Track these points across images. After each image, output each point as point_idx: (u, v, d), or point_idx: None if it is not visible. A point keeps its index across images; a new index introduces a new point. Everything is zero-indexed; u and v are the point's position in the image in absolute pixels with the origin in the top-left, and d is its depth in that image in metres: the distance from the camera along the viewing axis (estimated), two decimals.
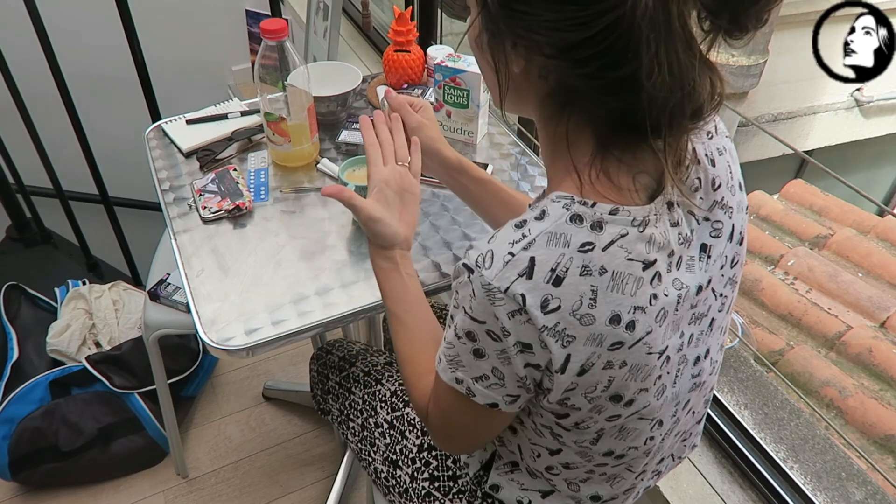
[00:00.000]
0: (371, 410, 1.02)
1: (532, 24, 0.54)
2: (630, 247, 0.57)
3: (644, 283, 0.57)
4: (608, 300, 0.56)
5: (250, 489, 1.64)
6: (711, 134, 0.67)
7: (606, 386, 0.60)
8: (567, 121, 0.60)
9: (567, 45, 0.53)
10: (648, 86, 0.52)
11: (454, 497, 0.90)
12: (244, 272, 1.03)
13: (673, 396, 0.67)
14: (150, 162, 1.26)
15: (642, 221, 0.58)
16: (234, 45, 2.60)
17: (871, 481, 1.12)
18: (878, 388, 1.52)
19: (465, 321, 0.60)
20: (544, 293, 0.55)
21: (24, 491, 1.62)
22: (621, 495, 0.79)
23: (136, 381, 1.62)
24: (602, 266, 0.56)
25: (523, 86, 0.62)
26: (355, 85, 1.32)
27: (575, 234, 0.56)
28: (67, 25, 1.94)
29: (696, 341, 0.66)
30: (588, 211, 0.57)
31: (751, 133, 2.50)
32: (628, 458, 0.71)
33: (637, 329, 0.58)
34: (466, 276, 0.59)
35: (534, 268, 0.55)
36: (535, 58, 0.58)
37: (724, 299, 0.69)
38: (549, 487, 0.78)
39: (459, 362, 0.63)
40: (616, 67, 0.52)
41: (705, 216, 0.64)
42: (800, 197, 2.32)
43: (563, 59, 0.55)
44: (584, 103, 0.59)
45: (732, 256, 0.68)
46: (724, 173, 0.66)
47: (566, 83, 0.59)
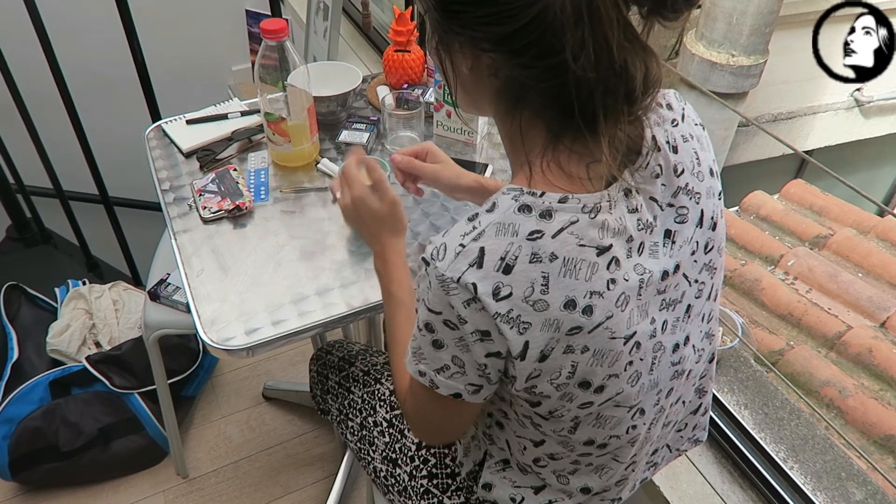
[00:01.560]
0: (370, 409, 1.02)
1: (467, 21, 0.58)
2: (581, 233, 0.58)
3: (600, 268, 0.59)
4: (561, 286, 0.57)
5: (250, 489, 1.64)
6: (677, 122, 0.68)
7: (571, 372, 0.61)
8: (520, 116, 0.62)
9: (500, 37, 0.56)
10: (576, 68, 0.54)
11: (452, 494, 0.91)
12: (244, 272, 1.03)
13: (651, 384, 0.68)
14: (150, 162, 1.26)
15: (593, 208, 0.59)
16: (234, 45, 2.60)
17: (871, 481, 1.12)
18: (879, 388, 1.52)
19: (424, 313, 0.62)
20: (495, 281, 0.57)
21: (24, 491, 1.62)
22: (613, 487, 0.79)
23: (136, 381, 1.62)
24: (552, 252, 0.57)
25: (476, 84, 0.64)
26: (355, 85, 1.32)
27: (523, 223, 0.58)
28: (67, 25, 1.94)
29: (671, 328, 0.67)
30: (536, 201, 0.59)
31: (751, 133, 2.50)
32: (611, 447, 0.72)
33: (595, 313, 0.59)
34: (424, 269, 0.61)
35: (483, 257, 0.57)
36: (480, 54, 0.60)
37: (700, 286, 0.69)
38: (540, 482, 0.78)
39: (421, 355, 0.66)
40: (547, 55, 0.55)
41: (669, 202, 0.65)
42: (800, 197, 2.32)
43: (501, 52, 0.58)
44: (532, 96, 0.61)
45: (705, 242, 0.68)
46: (688, 159, 0.67)
47: (513, 78, 0.61)
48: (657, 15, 0.56)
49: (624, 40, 0.54)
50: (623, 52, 0.55)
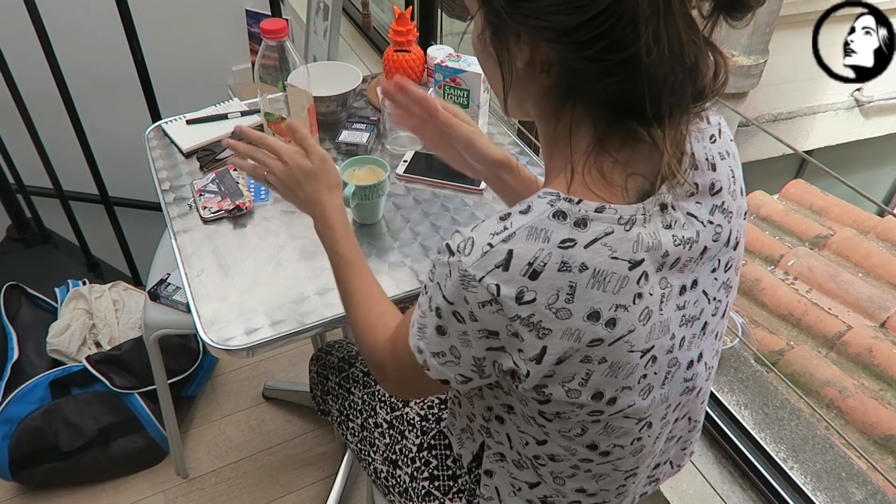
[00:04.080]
0: (370, 410, 1.02)
1: (533, 10, 0.56)
2: (615, 245, 0.57)
3: (630, 281, 0.57)
4: (587, 297, 0.56)
5: (250, 489, 1.64)
6: (714, 137, 0.67)
7: (584, 379, 0.61)
8: (570, 114, 0.61)
9: (569, 28, 0.54)
10: (648, 62, 0.52)
11: (454, 496, 0.90)
12: (244, 272, 1.03)
13: (662, 398, 0.67)
14: (150, 162, 1.26)
15: (629, 220, 0.58)
16: (234, 45, 2.60)
17: (871, 481, 1.12)
18: (879, 388, 1.52)
19: (438, 298, 0.61)
20: (520, 285, 0.56)
21: (24, 491, 1.62)
22: (613, 499, 0.79)
23: (136, 381, 1.62)
24: (583, 263, 0.56)
25: (526, 81, 0.63)
26: (355, 85, 1.32)
27: (556, 230, 0.57)
28: (67, 25, 1.94)
29: (688, 344, 0.66)
30: (573, 208, 0.57)
31: (751, 133, 2.50)
32: (614, 456, 0.71)
33: (618, 327, 0.58)
34: (447, 256, 0.60)
35: (511, 260, 0.56)
36: (539, 47, 0.59)
37: (717, 303, 0.69)
38: (536, 479, 0.78)
39: (424, 333, 0.65)
40: (618, 48, 0.53)
41: (709, 219, 0.64)
42: (800, 197, 2.32)
43: (565, 43, 0.56)
44: (586, 93, 0.59)
45: (727, 261, 0.68)
46: (725, 178, 0.66)
47: (568, 74, 0.59)
48: (726, 12, 0.54)
49: (694, 34, 0.53)
50: (693, 45, 0.54)
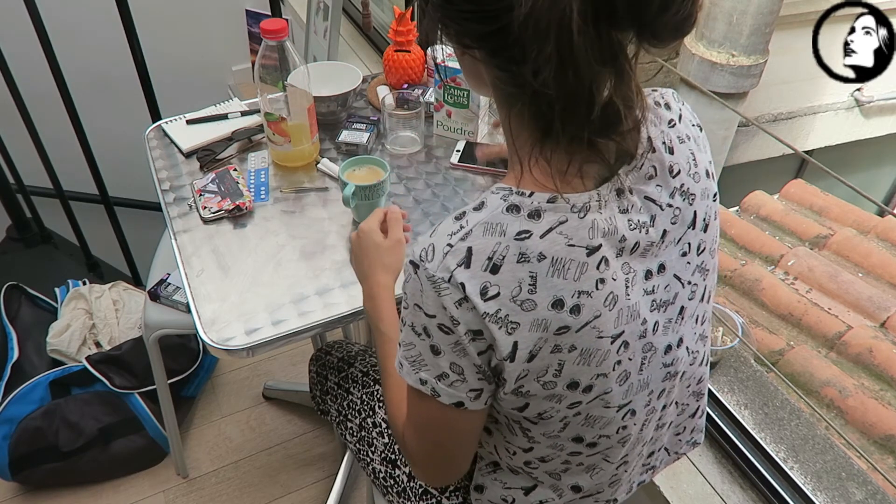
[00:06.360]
0: (369, 410, 1.02)
1: (452, 14, 0.58)
2: (570, 233, 0.58)
3: (589, 267, 0.59)
4: (548, 285, 0.58)
5: (250, 489, 1.64)
6: (674, 122, 0.68)
7: (558, 370, 0.61)
8: (510, 112, 0.62)
9: (480, 36, 0.57)
10: (535, 82, 0.53)
11: (451, 495, 0.91)
12: (244, 272, 1.03)
13: (641, 385, 0.68)
14: (150, 162, 1.26)
15: (582, 207, 0.59)
16: (234, 45, 2.61)
17: (871, 481, 1.12)
18: (879, 388, 1.52)
19: (420, 317, 0.62)
20: (483, 281, 0.57)
21: (24, 491, 1.62)
22: (607, 488, 0.79)
23: (136, 381, 1.62)
24: (541, 252, 0.57)
25: (480, 80, 0.64)
26: (355, 85, 1.32)
27: (511, 223, 0.58)
28: (67, 25, 1.94)
29: (663, 329, 0.67)
30: (525, 201, 0.59)
31: (751, 133, 2.50)
32: (601, 446, 0.72)
33: (583, 313, 0.59)
34: (413, 271, 0.60)
35: (471, 257, 0.57)
36: (471, 48, 0.60)
37: (693, 287, 0.69)
38: (531, 482, 0.78)
39: (422, 361, 0.64)
40: (518, 62, 0.54)
41: (668, 202, 0.65)
42: (800, 197, 2.32)
43: (481, 49, 0.58)
44: (517, 95, 0.60)
45: (698, 244, 0.68)
46: (684, 161, 0.66)
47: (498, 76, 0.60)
48: (642, 41, 0.54)
49: (597, 63, 0.52)
50: (591, 73, 0.52)
